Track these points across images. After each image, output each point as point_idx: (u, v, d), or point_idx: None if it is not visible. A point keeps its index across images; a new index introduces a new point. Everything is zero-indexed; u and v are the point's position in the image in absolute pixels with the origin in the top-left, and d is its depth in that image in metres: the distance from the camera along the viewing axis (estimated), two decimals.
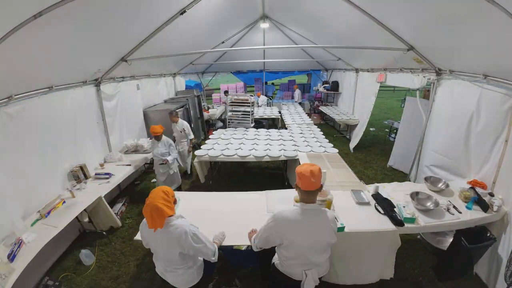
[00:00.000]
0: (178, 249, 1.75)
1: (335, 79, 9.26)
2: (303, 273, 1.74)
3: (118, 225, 3.64)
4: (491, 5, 1.91)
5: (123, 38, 3.52)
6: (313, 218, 1.67)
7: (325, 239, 1.70)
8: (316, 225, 1.67)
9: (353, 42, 4.96)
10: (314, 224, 1.67)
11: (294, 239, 1.67)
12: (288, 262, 1.78)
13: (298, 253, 1.71)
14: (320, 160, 3.90)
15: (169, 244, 1.75)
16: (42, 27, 2.14)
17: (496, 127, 2.76)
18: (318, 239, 1.69)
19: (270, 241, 1.77)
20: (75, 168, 3.54)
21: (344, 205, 2.69)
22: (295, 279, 1.78)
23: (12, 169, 2.63)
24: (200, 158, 4.18)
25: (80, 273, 2.92)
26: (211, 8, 4.31)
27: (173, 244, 1.74)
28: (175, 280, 1.94)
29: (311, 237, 1.67)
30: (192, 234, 1.75)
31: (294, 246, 1.69)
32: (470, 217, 2.50)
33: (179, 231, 1.72)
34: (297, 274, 1.76)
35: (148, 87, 6.03)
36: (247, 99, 6.01)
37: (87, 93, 3.89)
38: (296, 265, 1.76)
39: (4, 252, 2.25)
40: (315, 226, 1.67)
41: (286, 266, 1.80)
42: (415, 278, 2.74)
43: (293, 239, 1.67)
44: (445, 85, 3.66)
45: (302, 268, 1.75)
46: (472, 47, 2.73)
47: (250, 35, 7.48)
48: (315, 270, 1.76)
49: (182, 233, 1.71)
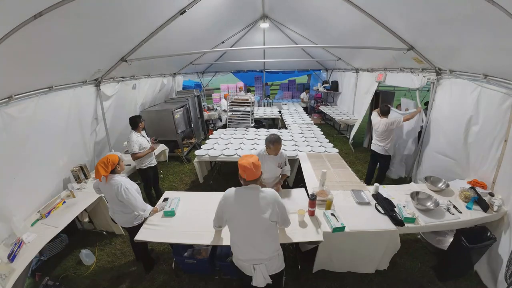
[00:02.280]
0: (115, 197, 2.42)
1: (335, 78, 9.26)
2: (251, 268, 1.81)
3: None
4: (491, 5, 1.91)
5: (123, 38, 3.52)
6: (251, 193, 1.82)
7: (264, 215, 1.76)
8: (253, 199, 1.80)
9: (353, 42, 4.96)
10: (251, 197, 1.81)
11: (232, 212, 1.84)
12: (238, 250, 1.87)
13: (239, 230, 1.84)
14: (320, 160, 3.90)
15: (110, 193, 2.46)
16: (42, 27, 2.13)
17: (496, 127, 2.76)
18: (255, 214, 1.77)
19: (219, 217, 1.98)
20: (75, 168, 3.54)
21: (344, 205, 2.69)
22: (248, 275, 1.85)
23: (12, 169, 2.63)
24: (200, 158, 4.18)
25: (80, 273, 2.92)
26: (211, 8, 4.30)
27: (112, 193, 2.43)
28: (118, 220, 2.65)
29: (248, 210, 1.79)
30: (125, 188, 2.40)
31: (234, 221, 1.85)
32: (470, 217, 2.50)
33: (117, 184, 2.41)
34: (246, 268, 1.85)
35: (148, 87, 6.03)
36: (247, 99, 6.01)
37: (87, 93, 3.89)
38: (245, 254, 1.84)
39: (4, 252, 2.26)
40: (252, 200, 1.80)
41: (237, 259, 1.89)
42: (415, 278, 2.74)
43: (232, 212, 1.84)
44: (445, 85, 3.65)
45: (251, 262, 1.82)
46: (472, 47, 2.73)
47: (250, 35, 7.47)
48: (264, 266, 1.81)
49: (118, 185, 2.40)
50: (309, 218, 2.51)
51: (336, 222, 2.35)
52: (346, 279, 2.69)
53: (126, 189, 2.42)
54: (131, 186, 2.52)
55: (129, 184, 2.50)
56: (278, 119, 7.41)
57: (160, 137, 5.51)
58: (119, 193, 2.40)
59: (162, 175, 5.34)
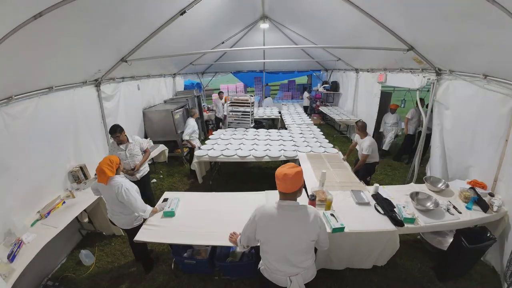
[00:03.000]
0: (115, 198, 2.40)
1: (335, 79, 9.26)
2: (287, 279, 1.68)
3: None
4: (491, 5, 1.91)
5: (123, 39, 3.52)
6: (290, 214, 1.63)
7: (305, 236, 1.63)
8: (293, 221, 1.62)
9: (353, 42, 4.96)
10: (291, 220, 1.62)
11: (269, 235, 1.65)
12: (271, 265, 1.71)
13: (276, 252, 1.67)
14: (320, 160, 3.89)
15: (110, 194, 2.43)
16: (42, 27, 2.13)
17: (496, 127, 2.76)
18: (296, 236, 1.62)
19: (249, 237, 1.76)
20: (75, 168, 3.53)
21: (344, 205, 2.69)
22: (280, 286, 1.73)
23: (13, 169, 2.63)
24: (200, 158, 4.18)
25: (80, 274, 2.92)
26: (211, 8, 4.31)
27: (112, 194, 2.41)
28: (117, 222, 2.66)
29: (288, 234, 1.62)
30: (125, 189, 2.39)
31: (271, 243, 1.67)
32: (470, 217, 2.50)
33: (117, 184, 2.39)
34: (281, 280, 1.70)
35: (148, 87, 6.03)
36: (247, 99, 6.01)
37: (87, 93, 3.88)
38: (280, 269, 1.69)
39: (4, 252, 2.25)
40: (292, 222, 1.62)
41: (270, 271, 1.74)
42: (415, 278, 2.74)
43: (269, 235, 1.65)
44: (445, 85, 3.66)
45: (287, 274, 1.68)
46: (472, 47, 2.73)
47: (250, 35, 7.47)
48: (301, 276, 1.69)
49: (119, 186, 2.38)
50: None
51: (336, 223, 2.34)
52: (346, 279, 2.69)
53: (127, 189, 2.41)
54: (131, 186, 2.51)
55: (129, 185, 2.48)
56: (278, 119, 7.41)
57: (160, 137, 5.53)
58: (119, 194, 2.38)
59: (162, 175, 5.34)
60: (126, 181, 2.50)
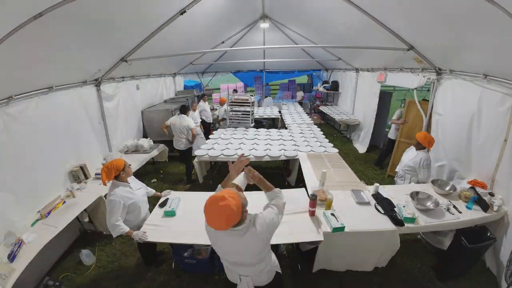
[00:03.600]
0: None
1: (335, 79, 9.25)
2: (238, 278, 1.71)
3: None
4: (491, 5, 1.90)
5: (123, 38, 3.52)
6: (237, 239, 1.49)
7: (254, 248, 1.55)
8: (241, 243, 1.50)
9: (353, 42, 4.95)
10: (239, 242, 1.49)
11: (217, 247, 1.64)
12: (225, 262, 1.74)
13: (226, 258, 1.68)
14: (320, 160, 3.90)
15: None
16: (42, 28, 2.14)
17: (495, 127, 2.76)
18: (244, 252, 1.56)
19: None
20: (75, 168, 3.54)
21: (344, 205, 2.69)
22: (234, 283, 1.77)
23: (13, 169, 2.63)
24: (200, 158, 4.18)
25: (81, 273, 2.92)
26: (211, 8, 4.30)
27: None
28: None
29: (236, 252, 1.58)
30: (111, 199, 2.32)
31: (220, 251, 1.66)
32: (470, 217, 2.50)
33: (110, 191, 2.37)
34: (234, 277, 1.76)
35: (148, 87, 6.03)
36: (247, 99, 6.00)
37: (87, 93, 3.89)
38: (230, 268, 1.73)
39: (4, 252, 2.26)
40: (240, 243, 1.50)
41: (225, 267, 1.80)
42: (415, 278, 2.74)
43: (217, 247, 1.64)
44: (445, 85, 3.66)
45: (237, 273, 1.70)
46: (472, 46, 2.73)
47: (250, 35, 7.47)
48: (250, 278, 1.69)
49: (110, 192, 2.36)
50: (310, 218, 2.51)
51: (336, 222, 2.34)
52: (346, 279, 2.69)
53: (111, 200, 2.31)
54: (121, 201, 2.34)
55: (119, 198, 2.33)
56: (278, 119, 7.41)
57: (160, 137, 5.52)
58: (107, 198, 2.37)
59: (162, 175, 5.34)
60: (121, 193, 2.37)
